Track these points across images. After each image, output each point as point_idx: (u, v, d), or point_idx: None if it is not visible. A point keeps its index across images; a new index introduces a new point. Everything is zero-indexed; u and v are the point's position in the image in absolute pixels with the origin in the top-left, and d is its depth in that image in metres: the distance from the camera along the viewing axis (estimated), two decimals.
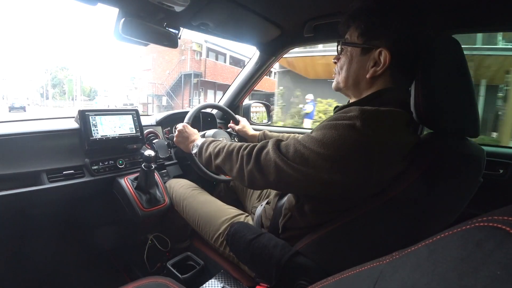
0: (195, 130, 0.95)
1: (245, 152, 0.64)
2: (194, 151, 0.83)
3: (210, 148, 0.75)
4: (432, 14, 0.77)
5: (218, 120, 1.51)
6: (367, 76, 0.61)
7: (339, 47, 0.67)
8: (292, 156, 0.55)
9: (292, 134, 1.09)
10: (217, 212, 0.88)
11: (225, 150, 0.70)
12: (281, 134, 1.13)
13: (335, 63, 0.70)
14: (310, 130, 1.08)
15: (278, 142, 0.61)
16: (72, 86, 37.10)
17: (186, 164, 1.26)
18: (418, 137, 0.59)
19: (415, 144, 0.57)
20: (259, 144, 0.63)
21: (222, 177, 1.05)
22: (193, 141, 0.88)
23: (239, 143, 0.69)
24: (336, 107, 0.68)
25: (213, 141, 0.79)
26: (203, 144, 0.79)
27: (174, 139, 0.95)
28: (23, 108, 20.06)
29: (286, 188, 0.63)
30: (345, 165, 0.51)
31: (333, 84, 0.70)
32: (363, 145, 0.50)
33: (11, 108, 19.49)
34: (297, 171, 0.54)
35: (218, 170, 0.73)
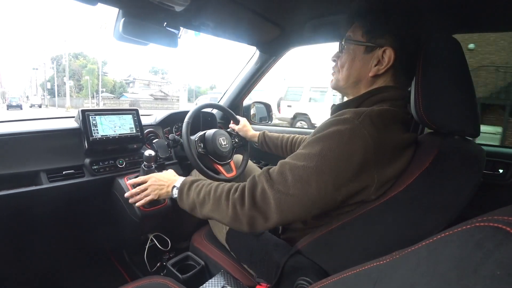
0: (171, 171, 0.81)
1: (236, 195, 0.57)
2: (175, 195, 0.71)
3: (193, 193, 0.65)
4: (433, 14, 0.77)
5: (218, 120, 1.51)
6: (370, 74, 0.61)
7: (341, 45, 0.66)
8: (291, 183, 0.52)
9: (292, 135, 1.09)
10: None
11: (211, 196, 0.61)
12: (281, 134, 1.13)
13: (335, 61, 0.69)
14: (310, 131, 1.08)
15: (267, 173, 0.56)
16: (94, 79, 29.25)
17: (186, 164, 1.26)
18: (415, 136, 0.59)
19: (412, 143, 0.57)
20: (248, 182, 0.58)
21: (223, 176, 1.05)
22: (172, 182, 0.74)
23: (226, 185, 0.62)
24: (333, 105, 0.68)
25: (193, 182, 0.68)
26: (182, 185, 0.69)
27: (149, 197, 0.78)
28: (19, 106, 20.77)
29: (290, 218, 0.55)
30: (347, 173, 0.50)
31: (332, 83, 0.69)
32: (362, 148, 0.50)
33: (9, 106, 20.40)
34: (300, 197, 0.52)
35: (205, 218, 0.66)
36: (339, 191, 0.52)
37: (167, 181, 0.76)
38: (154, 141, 1.16)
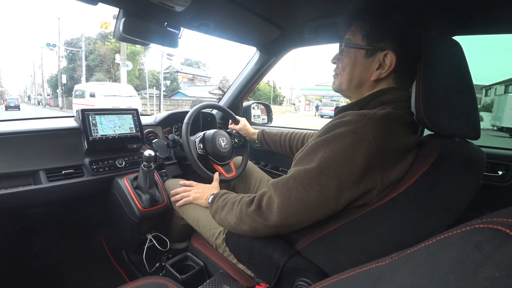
0: (216, 184, 0.95)
1: (248, 199, 0.63)
2: (209, 201, 0.80)
3: (220, 200, 0.73)
4: (433, 16, 0.77)
5: (218, 121, 1.51)
6: (372, 78, 0.60)
7: (341, 47, 0.65)
8: (293, 186, 0.54)
9: (291, 131, 1.10)
10: None
11: (230, 202, 0.68)
12: (280, 131, 1.13)
13: (335, 63, 0.68)
14: (308, 130, 1.09)
15: (276, 181, 0.59)
16: (135, 69, 19.67)
17: (186, 164, 1.26)
18: (418, 139, 0.59)
19: (415, 146, 0.57)
20: (261, 191, 0.62)
21: (222, 177, 1.05)
22: (211, 192, 0.85)
23: (246, 195, 0.67)
24: (336, 107, 0.68)
25: (225, 192, 0.77)
26: (216, 194, 0.78)
27: (187, 199, 0.89)
28: (17, 107, 20.98)
29: (293, 221, 0.57)
30: (351, 177, 0.50)
31: (334, 85, 0.69)
32: (365, 151, 0.50)
33: (7, 107, 20.62)
34: (302, 200, 0.53)
35: (221, 224, 0.72)
36: (342, 195, 0.52)
37: (208, 190, 0.88)
38: (153, 141, 1.15)
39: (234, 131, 1.24)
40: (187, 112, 1.07)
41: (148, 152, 0.89)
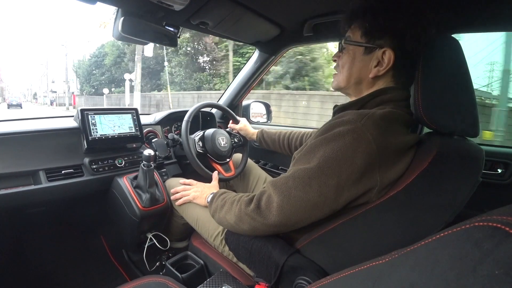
0: (215, 183, 0.95)
1: (247, 198, 0.63)
2: (208, 200, 0.80)
3: (219, 200, 0.73)
4: (432, 14, 0.77)
5: (217, 120, 1.51)
6: (370, 76, 0.60)
7: (340, 45, 0.66)
8: (293, 185, 0.54)
9: (290, 131, 1.10)
10: None
11: (229, 201, 0.69)
12: (278, 130, 1.13)
13: (335, 61, 0.68)
14: (306, 129, 1.09)
15: (274, 180, 0.59)
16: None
17: (185, 163, 1.26)
18: (417, 137, 0.59)
19: (415, 145, 0.57)
20: (260, 190, 0.62)
21: (221, 176, 1.05)
22: (211, 191, 0.85)
23: (244, 194, 0.68)
24: (335, 106, 0.68)
25: (224, 192, 0.77)
26: (215, 193, 0.78)
27: (186, 197, 0.90)
28: (20, 105, 21.78)
29: (292, 220, 0.57)
30: (350, 176, 0.51)
31: (333, 83, 0.69)
32: (365, 151, 0.50)
33: (10, 105, 21.34)
34: (301, 199, 0.53)
35: (220, 223, 0.72)
36: (341, 195, 0.52)
37: (208, 189, 0.88)
38: (153, 140, 1.15)
39: (234, 130, 1.24)
40: (186, 111, 1.07)
41: (147, 152, 0.89)
